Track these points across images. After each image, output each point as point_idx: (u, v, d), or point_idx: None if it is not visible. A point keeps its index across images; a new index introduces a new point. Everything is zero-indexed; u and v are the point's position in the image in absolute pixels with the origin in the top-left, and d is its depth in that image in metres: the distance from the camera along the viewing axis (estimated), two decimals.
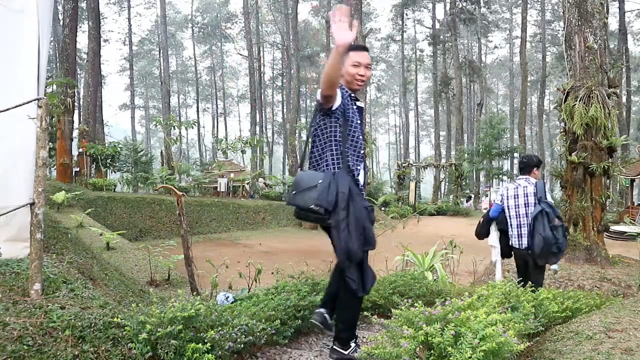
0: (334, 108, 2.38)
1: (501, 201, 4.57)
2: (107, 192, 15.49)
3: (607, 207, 11.10)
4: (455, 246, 6.69)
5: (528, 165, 4.45)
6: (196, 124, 28.11)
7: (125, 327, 2.12)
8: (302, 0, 43.86)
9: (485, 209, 28.83)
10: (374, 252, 3.20)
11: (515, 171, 35.72)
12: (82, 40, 24.64)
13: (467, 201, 30.11)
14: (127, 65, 47.29)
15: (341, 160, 2.41)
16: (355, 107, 2.54)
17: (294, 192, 2.40)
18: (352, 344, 2.52)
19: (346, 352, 2.49)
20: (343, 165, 2.41)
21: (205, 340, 2.16)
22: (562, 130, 8.49)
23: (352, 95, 2.54)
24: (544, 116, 45.76)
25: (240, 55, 51.27)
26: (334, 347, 2.55)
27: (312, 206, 2.27)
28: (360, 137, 2.56)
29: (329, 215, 2.27)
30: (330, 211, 2.27)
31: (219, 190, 20.60)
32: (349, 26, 2.23)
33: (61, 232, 3.81)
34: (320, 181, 2.30)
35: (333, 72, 2.22)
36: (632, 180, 19.83)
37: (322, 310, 2.69)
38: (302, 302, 3.14)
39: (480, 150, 30.39)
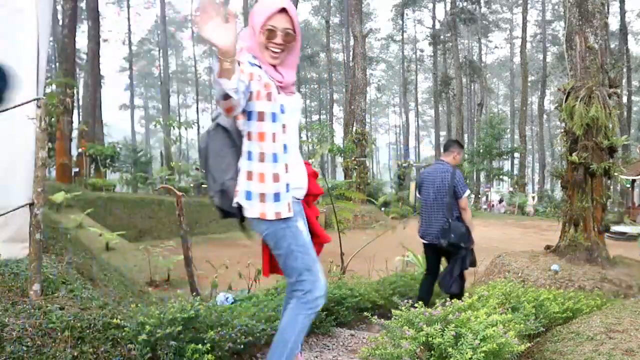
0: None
1: None
2: (106, 193, 15.49)
3: (608, 208, 11.09)
4: None
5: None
6: (196, 124, 28.15)
7: (125, 328, 2.12)
8: (302, 0, 43.89)
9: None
10: (374, 252, 3.17)
11: (516, 171, 35.76)
12: (82, 40, 24.61)
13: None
14: (127, 65, 47.30)
15: None
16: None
17: None
18: None
19: None
20: None
21: (205, 341, 2.16)
22: (562, 130, 8.48)
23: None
24: (545, 116, 45.79)
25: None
26: None
27: None
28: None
29: None
30: None
31: None
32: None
33: (60, 232, 3.81)
34: None
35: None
36: (633, 181, 19.82)
37: None
38: None
39: (481, 150, 30.38)
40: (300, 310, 1.85)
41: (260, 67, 1.82)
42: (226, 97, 1.58)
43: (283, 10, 1.82)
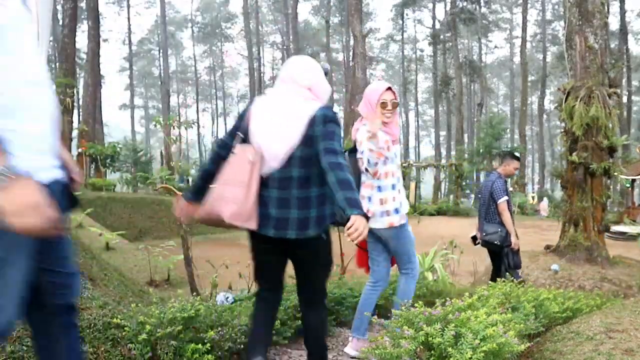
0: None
1: None
2: (106, 192, 15.49)
3: (608, 208, 11.09)
4: (455, 246, 6.69)
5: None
6: (196, 124, 28.14)
7: (125, 328, 2.12)
8: (302, 0, 43.91)
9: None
10: None
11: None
12: (82, 40, 24.63)
13: (539, 201, 28.36)
14: (127, 65, 47.31)
15: None
16: None
17: None
18: None
19: None
20: None
21: (205, 341, 2.16)
22: (562, 130, 8.49)
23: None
24: (545, 116, 45.79)
25: (241, 55, 51.29)
26: None
27: None
28: None
29: None
30: None
31: None
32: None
33: None
34: None
35: None
36: (633, 181, 19.82)
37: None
38: None
39: (481, 150, 30.37)
40: (411, 281, 2.88)
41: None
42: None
43: (389, 88, 2.79)
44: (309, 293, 2.15)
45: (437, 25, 42.23)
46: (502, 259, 4.54)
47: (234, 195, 1.86)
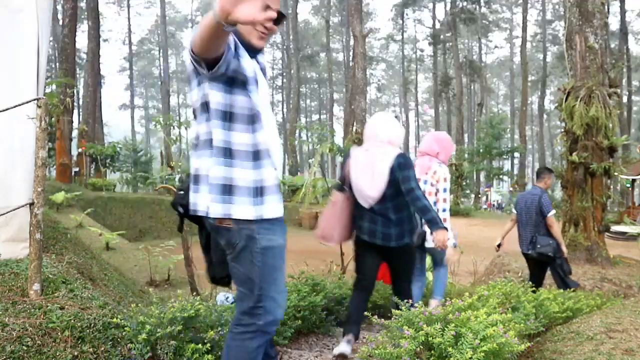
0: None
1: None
2: (106, 192, 15.49)
3: (608, 207, 11.07)
4: (455, 246, 6.67)
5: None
6: None
7: (125, 328, 2.12)
8: (302, 0, 43.90)
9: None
10: None
11: (516, 171, 35.75)
12: (82, 40, 24.63)
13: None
14: (127, 65, 47.33)
15: None
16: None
17: None
18: None
19: None
20: None
21: (205, 341, 2.16)
22: (562, 130, 8.48)
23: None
24: (545, 116, 45.81)
25: None
26: None
27: None
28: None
29: None
30: None
31: None
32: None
33: (60, 232, 3.81)
34: None
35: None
36: (633, 181, 19.81)
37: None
38: (302, 302, 3.13)
39: (481, 150, 30.37)
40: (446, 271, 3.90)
41: None
42: None
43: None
44: (400, 280, 2.92)
45: (437, 25, 42.24)
46: (556, 269, 4.84)
47: (325, 222, 2.85)
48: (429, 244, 3.30)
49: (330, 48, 42.53)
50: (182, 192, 1.74)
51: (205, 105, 1.58)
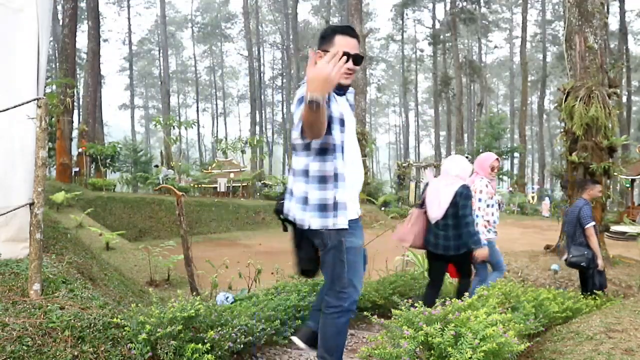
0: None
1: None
2: (106, 192, 15.49)
3: (608, 207, 11.07)
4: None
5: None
6: (196, 124, 28.15)
7: (125, 328, 2.12)
8: (302, 0, 43.92)
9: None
10: (374, 252, 3.19)
11: (516, 170, 35.72)
12: (82, 40, 24.63)
13: (540, 201, 28.21)
14: (127, 65, 47.30)
15: None
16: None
17: None
18: None
19: None
20: None
21: (205, 341, 2.16)
22: (562, 130, 8.49)
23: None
24: (545, 116, 45.80)
25: (241, 55, 51.30)
26: None
27: None
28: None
29: None
30: None
31: (218, 190, 20.59)
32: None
33: (61, 232, 3.81)
34: None
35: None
36: (633, 181, 19.81)
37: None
38: (302, 302, 3.14)
39: (481, 150, 30.37)
40: (496, 276, 4.29)
41: None
42: None
43: (497, 159, 4.35)
44: (462, 277, 3.70)
45: (437, 25, 42.23)
46: (588, 279, 4.91)
47: (404, 227, 3.66)
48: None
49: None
50: (282, 202, 2.23)
51: (308, 145, 2.01)
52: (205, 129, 54.50)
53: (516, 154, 32.87)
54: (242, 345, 2.35)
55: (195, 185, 20.11)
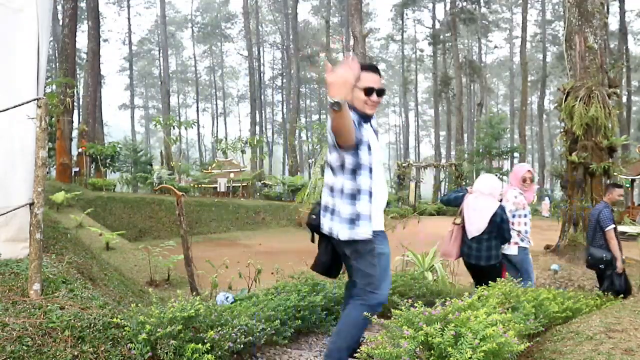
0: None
1: None
2: (106, 192, 15.49)
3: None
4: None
5: None
6: (196, 124, 28.18)
7: (125, 328, 2.12)
8: (302, 0, 43.92)
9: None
10: None
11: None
12: (82, 40, 24.63)
13: (540, 201, 27.86)
14: (127, 65, 47.31)
15: None
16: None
17: None
18: None
19: None
20: None
21: (205, 341, 2.16)
22: (562, 130, 8.49)
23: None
24: (544, 116, 45.80)
25: (241, 55, 51.31)
26: None
27: None
28: None
29: None
30: None
31: (218, 190, 20.59)
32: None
33: (61, 232, 3.81)
34: None
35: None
36: (633, 181, 19.81)
37: None
38: (302, 302, 3.13)
39: (480, 150, 30.38)
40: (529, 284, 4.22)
41: None
42: None
43: (529, 170, 4.47)
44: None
45: (437, 25, 42.22)
46: (605, 279, 4.92)
47: (446, 244, 4.15)
48: (506, 251, 4.29)
49: (330, 48, 42.51)
50: (314, 216, 2.52)
51: (342, 165, 2.28)
52: (205, 129, 54.54)
53: (516, 154, 32.85)
54: (242, 345, 2.35)
55: (195, 185, 20.11)
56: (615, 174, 8.19)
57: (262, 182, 23.96)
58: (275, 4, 46.12)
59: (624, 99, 28.47)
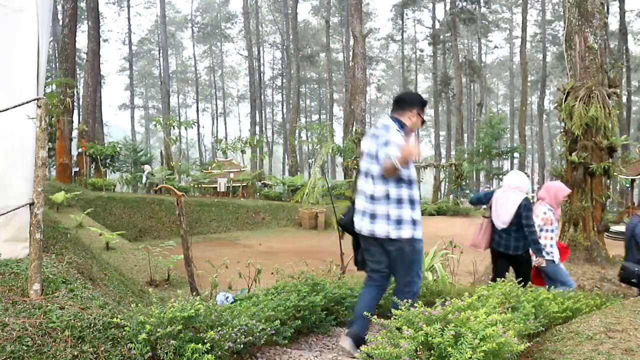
0: None
1: None
2: (106, 192, 15.48)
3: (607, 207, 11.06)
4: (455, 246, 6.69)
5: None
6: (196, 124, 28.15)
7: (125, 328, 2.12)
8: (302, 0, 43.89)
9: None
10: None
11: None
12: (82, 40, 24.62)
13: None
14: (127, 65, 47.29)
15: None
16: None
17: None
18: None
19: None
20: None
21: (205, 341, 2.16)
22: (562, 130, 8.49)
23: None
24: (544, 116, 45.76)
25: (241, 55, 51.30)
26: None
27: None
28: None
29: None
30: None
31: (218, 190, 20.59)
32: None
33: (60, 232, 3.81)
34: None
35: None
36: (633, 181, 19.81)
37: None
38: (302, 302, 3.14)
39: (480, 150, 30.37)
40: (564, 288, 4.35)
41: None
42: None
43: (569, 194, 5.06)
44: (524, 280, 3.78)
45: (437, 25, 42.21)
46: None
47: (476, 236, 4.44)
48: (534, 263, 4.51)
49: (330, 48, 42.52)
50: (343, 217, 3.01)
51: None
52: (205, 129, 54.52)
53: (516, 154, 32.86)
54: (242, 345, 2.35)
55: (195, 185, 20.10)
56: (615, 174, 8.18)
57: (262, 182, 23.94)
58: (275, 4, 46.11)
59: (624, 99, 28.46)
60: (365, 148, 2.86)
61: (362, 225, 2.81)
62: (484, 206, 4.57)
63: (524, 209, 4.04)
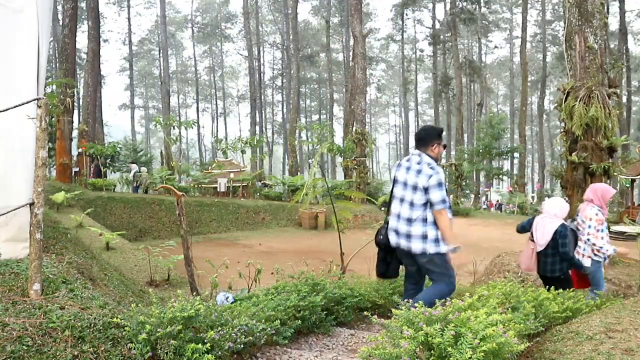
0: None
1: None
2: (106, 192, 15.48)
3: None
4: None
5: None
6: (196, 124, 28.15)
7: (125, 328, 2.12)
8: (302, 0, 43.90)
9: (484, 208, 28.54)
10: (374, 252, 3.18)
11: (516, 171, 35.75)
12: (82, 40, 24.62)
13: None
14: (127, 65, 47.30)
15: None
16: None
17: None
18: None
19: None
20: None
21: (205, 341, 2.16)
22: (562, 130, 8.49)
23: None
24: (544, 116, 45.78)
25: (241, 55, 51.29)
26: None
27: None
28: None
29: None
30: None
31: (218, 190, 20.58)
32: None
33: (61, 232, 3.81)
34: None
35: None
36: (633, 181, 19.81)
37: None
38: (302, 302, 3.14)
39: (480, 150, 30.37)
40: (594, 294, 4.58)
41: None
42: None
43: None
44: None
45: (437, 25, 42.21)
46: None
47: (526, 259, 4.61)
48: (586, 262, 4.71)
49: (330, 48, 42.52)
50: (382, 237, 3.58)
51: (425, 204, 3.26)
52: (205, 129, 54.53)
53: (516, 154, 32.85)
54: (242, 345, 2.35)
55: (195, 185, 20.09)
56: (615, 174, 8.18)
57: (262, 182, 23.93)
58: (275, 4, 46.12)
59: (624, 99, 28.47)
60: (400, 178, 3.39)
61: (399, 242, 3.38)
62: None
63: (560, 236, 4.26)
